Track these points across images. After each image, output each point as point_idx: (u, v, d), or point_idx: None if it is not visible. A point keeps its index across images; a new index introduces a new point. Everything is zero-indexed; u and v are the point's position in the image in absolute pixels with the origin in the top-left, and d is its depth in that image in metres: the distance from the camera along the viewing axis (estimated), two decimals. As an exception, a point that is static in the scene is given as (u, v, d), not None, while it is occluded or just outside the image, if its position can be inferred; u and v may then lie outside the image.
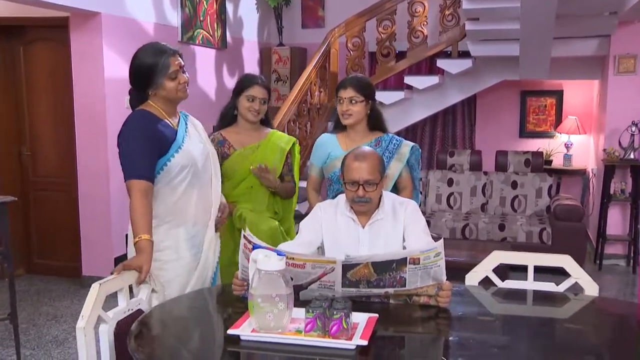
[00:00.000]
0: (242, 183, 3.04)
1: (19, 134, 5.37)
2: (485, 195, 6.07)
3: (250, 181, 3.04)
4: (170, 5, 5.56)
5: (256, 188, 3.05)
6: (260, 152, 3.06)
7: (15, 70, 5.32)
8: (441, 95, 6.39)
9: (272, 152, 3.09)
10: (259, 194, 3.06)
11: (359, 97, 2.94)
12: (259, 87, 3.00)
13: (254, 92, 3.00)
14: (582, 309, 2.32)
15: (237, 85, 3.08)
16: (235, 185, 3.04)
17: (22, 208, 5.40)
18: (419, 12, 6.15)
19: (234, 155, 3.03)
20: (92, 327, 2.02)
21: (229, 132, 3.09)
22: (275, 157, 3.09)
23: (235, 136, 3.07)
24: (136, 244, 2.25)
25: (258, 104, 3.01)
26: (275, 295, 1.93)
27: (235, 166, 3.02)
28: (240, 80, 3.08)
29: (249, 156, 3.03)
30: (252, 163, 3.02)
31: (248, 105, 3.00)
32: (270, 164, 3.05)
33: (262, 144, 3.08)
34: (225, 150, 3.03)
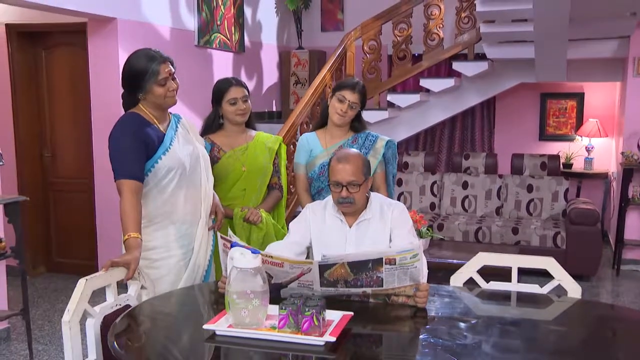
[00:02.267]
0: (235, 185, 3.05)
1: (40, 136, 5.55)
2: (501, 199, 6.03)
3: (243, 184, 3.05)
4: (186, 10, 5.67)
5: (249, 190, 3.06)
6: (250, 153, 3.06)
7: (37, 74, 5.50)
8: (458, 98, 6.37)
9: (261, 152, 3.09)
10: (252, 197, 3.06)
11: (358, 104, 3.03)
12: (235, 88, 3.00)
13: (232, 94, 2.99)
14: (563, 310, 2.32)
15: (213, 94, 3.07)
16: (228, 189, 3.04)
17: (42, 208, 5.58)
18: (435, 14, 6.14)
19: (224, 157, 3.03)
20: (78, 320, 2.10)
21: (216, 135, 3.09)
22: (264, 157, 3.10)
23: (223, 139, 3.07)
24: (125, 242, 2.33)
25: (241, 104, 3.01)
26: (250, 292, 1.98)
27: (227, 168, 3.03)
28: (216, 89, 3.06)
29: (240, 157, 3.04)
30: (243, 164, 3.03)
31: (233, 109, 3.00)
32: (260, 163, 3.07)
33: (251, 145, 3.08)
34: (215, 154, 3.02)
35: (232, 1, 6.32)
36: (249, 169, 3.03)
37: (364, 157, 2.58)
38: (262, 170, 3.07)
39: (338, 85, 3.09)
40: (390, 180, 3.20)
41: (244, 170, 3.03)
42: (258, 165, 3.05)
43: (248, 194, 3.05)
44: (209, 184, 2.70)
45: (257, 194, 3.08)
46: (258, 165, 3.06)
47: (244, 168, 3.03)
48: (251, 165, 3.04)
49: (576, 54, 5.70)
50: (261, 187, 3.09)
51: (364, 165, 2.54)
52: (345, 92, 3.02)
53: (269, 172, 3.11)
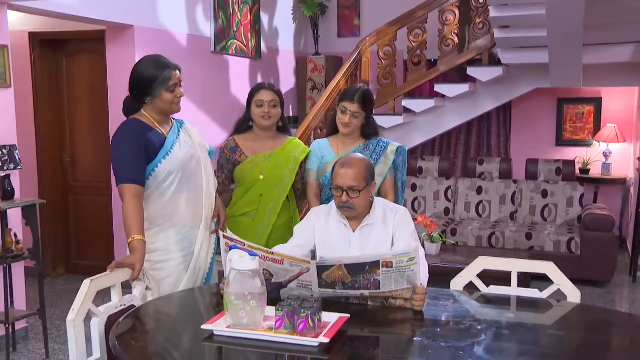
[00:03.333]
0: (251, 190, 3.05)
1: (61, 140, 5.69)
2: (515, 204, 6.01)
3: (259, 189, 3.04)
4: (203, 17, 5.77)
5: (265, 197, 3.04)
6: (272, 161, 3.04)
7: (58, 80, 5.64)
8: (473, 103, 6.37)
9: (284, 162, 3.06)
10: (269, 204, 3.04)
11: (361, 113, 3.05)
12: (265, 91, 3.02)
13: (260, 96, 3.01)
14: (561, 315, 2.33)
15: (248, 97, 3.10)
16: (244, 192, 3.06)
17: (62, 211, 5.72)
18: (450, 20, 6.16)
19: (245, 162, 3.04)
20: (82, 320, 2.18)
21: (243, 138, 3.09)
22: (287, 167, 3.06)
23: (248, 143, 3.08)
24: (130, 244, 2.41)
25: (267, 107, 3.00)
26: (248, 294, 2.04)
27: (245, 173, 3.04)
28: (250, 91, 3.10)
29: (260, 164, 3.03)
30: (261, 172, 3.02)
31: (259, 111, 3.01)
32: (281, 173, 3.04)
33: (275, 153, 3.06)
34: (236, 157, 3.04)
35: (249, 8, 6.42)
36: (266, 177, 3.02)
37: (367, 163, 2.61)
38: (281, 181, 3.04)
39: (340, 96, 3.14)
40: (399, 187, 3.21)
41: (260, 179, 3.02)
42: (278, 175, 3.03)
43: (264, 200, 3.04)
44: (210, 188, 2.75)
45: (274, 202, 3.04)
46: (278, 176, 3.03)
47: (261, 176, 3.02)
48: (270, 174, 3.02)
49: (592, 59, 5.66)
50: (280, 197, 3.05)
51: (367, 170, 2.56)
52: (345, 104, 3.05)
53: (289, 182, 3.06)
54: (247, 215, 3.06)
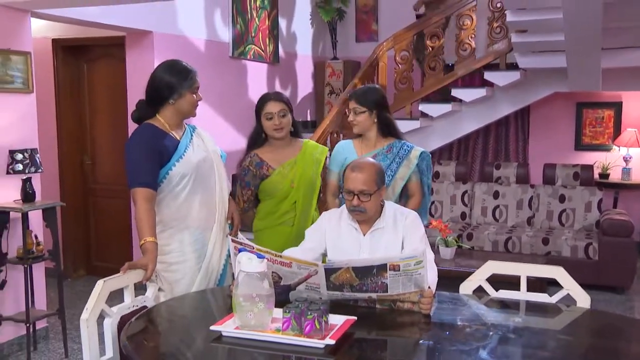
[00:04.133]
0: (285, 200, 3.05)
1: (82, 144, 5.80)
2: (532, 209, 5.98)
3: (293, 197, 3.04)
4: (221, 22, 5.84)
5: (299, 203, 3.05)
6: (299, 167, 3.05)
7: (80, 85, 5.76)
8: (491, 107, 6.35)
9: (309, 165, 3.07)
10: (303, 209, 3.05)
11: (360, 108, 3.09)
12: (272, 102, 3.00)
13: (269, 108, 3.00)
14: (570, 319, 2.33)
15: (255, 108, 3.09)
16: (278, 202, 3.06)
17: (82, 213, 5.82)
18: (467, 25, 6.16)
19: (274, 175, 3.02)
20: (95, 319, 2.23)
21: (263, 151, 3.08)
22: (313, 170, 3.08)
23: (270, 155, 3.06)
24: (142, 246, 2.46)
25: (277, 119, 2.99)
26: (256, 295, 2.07)
27: (275, 185, 3.03)
28: (257, 103, 3.08)
29: (288, 174, 3.03)
30: (291, 180, 3.02)
31: (269, 124, 3.00)
32: (309, 177, 3.05)
33: (299, 159, 3.06)
34: (264, 172, 3.03)
35: (267, 13, 6.48)
36: (297, 184, 3.03)
37: (378, 167, 2.63)
38: (311, 184, 3.07)
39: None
40: (425, 191, 3.23)
41: (292, 187, 3.03)
42: (307, 179, 3.05)
43: (299, 206, 3.05)
44: (223, 191, 2.80)
45: (307, 206, 3.07)
46: (307, 180, 3.05)
47: (292, 185, 3.03)
48: (300, 180, 3.03)
49: (612, 63, 5.61)
50: (311, 200, 3.08)
51: (378, 175, 2.59)
52: (349, 103, 3.15)
53: (317, 183, 3.09)
54: (285, 224, 3.07)
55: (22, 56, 4.09)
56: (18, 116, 4.09)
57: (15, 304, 4.11)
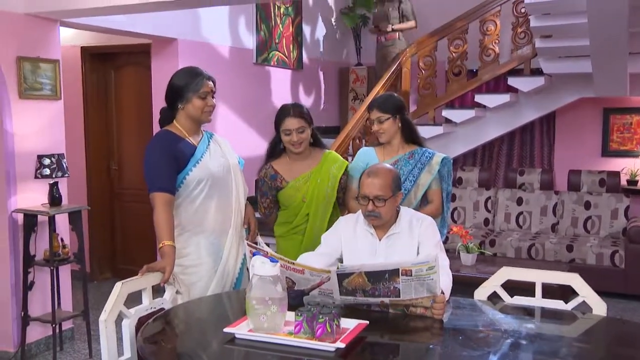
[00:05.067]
0: (298, 213, 3.05)
1: (108, 149, 5.92)
2: (557, 215, 5.92)
3: (306, 209, 3.04)
4: (245, 30, 5.92)
5: (312, 216, 3.04)
6: (313, 182, 3.02)
7: (107, 92, 5.89)
8: (515, 113, 6.31)
9: (325, 180, 3.04)
10: (316, 222, 3.05)
11: (385, 115, 3.08)
12: (290, 119, 2.95)
13: (287, 124, 2.96)
14: (586, 327, 2.32)
15: (275, 119, 3.06)
16: (291, 215, 3.07)
17: (108, 217, 5.94)
18: (491, 30, 6.13)
19: (287, 188, 3.03)
20: (113, 320, 2.29)
21: (279, 163, 3.07)
22: (327, 185, 3.04)
23: (285, 167, 3.06)
24: (160, 250, 2.52)
25: (296, 135, 2.96)
26: (269, 299, 2.10)
27: (288, 199, 3.04)
28: (276, 115, 3.04)
29: (301, 188, 3.02)
30: (303, 195, 3.01)
31: (287, 139, 2.98)
32: (322, 192, 3.03)
33: (314, 173, 3.04)
34: (277, 184, 3.03)
35: (291, 20, 6.54)
36: (309, 199, 3.02)
37: (394, 173, 2.64)
38: (324, 199, 3.04)
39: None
40: (444, 197, 3.23)
41: (304, 202, 3.03)
42: (320, 194, 3.03)
43: (312, 219, 3.04)
44: (240, 196, 2.84)
45: (321, 219, 3.05)
46: (320, 194, 3.03)
47: (304, 199, 3.02)
48: (312, 194, 3.02)
49: (639, 68, 5.54)
50: (325, 214, 3.05)
51: (393, 180, 2.60)
52: (370, 115, 3.14)
53: (332, 199, 3.06)
54: (298, 233, 3.09)
55: (51, 64, 4.21)
56: (46, 122, 4.20)
57: (42, 305, 4.22)
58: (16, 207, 4.02)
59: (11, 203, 4.01)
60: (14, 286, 4.06)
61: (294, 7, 6.61)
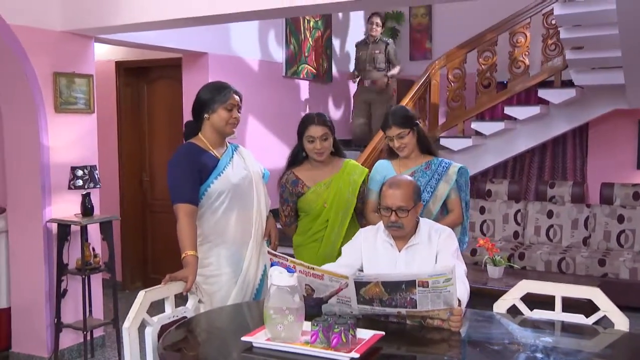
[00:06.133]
0: (318, 219, 3.10)
1: (141, 161, 6.06)
2: (588, 229, 5.82)
3: (326, 215, 3.09)
4: (275, 43, 6.01)
5: (332, 222, 3.09)
6: (333, 188, 3.08)
7: (140, 105, 6.03)
8: (545, 125, 6.24)
9: (344, 186, 3.09)
10: (334, 228, 3.09)
11: (405, 131, 3.12)
12: (314, 127, 3.02)
13: (311, 132, 3.03)
14: (607, 342, 2.29)
15: (298, 128, 3.13)
16: (312, 219, 3.12)
17: (140, 228, 6.06)
18: (521, 42, 6.09)
19: (308, 193, 3.09)
20: (136, 328, 2.36)
21: (301, 169, 3.15)
22: (348, 191, 3.09)
23: (307, 173, 3.12)
24: (183, 259, 2.59)
25: (319, 143, 3.02)
26: (286, 309, 2.14)
27: (309, 204, 3.10)
28: (300, 123, 3.12)
29: (322, 194, 3.08)
30: (324, 200, 3.07)
31: (310, 147, 3.05)
32: (343, 198, 3.08)
33: (335, 179, 3.10)
34: (299, 190, 3.10)
35: (320, 33, 6.62)
36: (330, 205, 3.07)
37: (415, 184, 2.67)
38: (344, 205, 3.08)
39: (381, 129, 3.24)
40: (463, 207, 3.24)
41: (325, 207, 3.07)
42: (341, 200, 3.07)
43: (331, 225, 3.09)
44: (261, 208, 2.89)
45: (339, 226, 3.09)
46: (341, 201, 3.07)
47: (325, 205, 3.07)
48: (333, 200, 3.07)
49: (674, 79, 5.43)
50: (344, 220, 3.10)
51: (414, 191, 2.63)
52: (387, 132, 3.16)
53: (352, 205, 3.11)
54: (316, 241, 3.14)
55: (85, 79, 4.35)
56: (80, 135, 4.34)
57: (74, 312, 4.34)
58: (51, 217, 4.15)
59: (46, 213, 4.14)
60: (48, 293, 4.19)
61: (324, 20, 6.69)
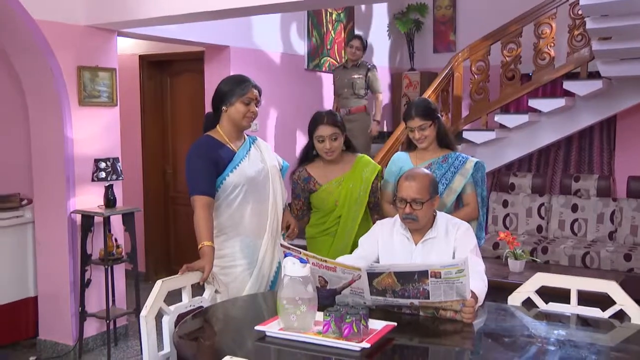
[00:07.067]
0: (330, 215, 3.12)
1: (164, 153, 6.13)
2: (614, 223, 5.73)
3: (338, 212, 3.10)
4: (297, 36, 6.02)
5: (344, 218, 3.10)
6: (345, 186, 3.09)
7: (163, 98, 6.11)
8: (571, 118, 6.14)
9: (357, 184, 3.10)
10: (347, 225, 3.10)
11: (427, 123, 3.11)
12: (324, 126, 3.02)
13: (320, 131, 3.03)
14: (624, 336, 2.26)
15: (308, 126, 3.14)
16: (323, 215, 3.15)
17: (164, 220, 6.14)
18: (546, 33, 6.00)
19: (320, 191, 3.11)
20: (154, 316, 2.40)
21: (313, 167, 3.16)
22: (360, 188, 3.10)
23: (319, 170, 3.14)
24: (200, 250, 2.63)
25: (329, 142, 3.03)
26: (299, 299, 2.16)
27: (321, 201, 3.12)
28: (310, 121, 3.13)
29: (334, 191, 3.09)
30: (336, 199, 3.08)
31: (320, 146, 3.06)
32: (355, 195, 3.08)
33: (347, 177, 3.10)
34: (311, 187, 3.12)
35: (343, 26, 6.61)
36: (341, 202, 3.08)
37: (431, 177, 2.66)
38: (355, 203, 3.09)
39: (403, 118, 3.24)
40: (479, 202, 3.23)
41: (336, 205, 3.09)
42: (353, 198, 3.08)
43: (343, 221, 3.10)
44: (277, 201, 2.91)
45: (352, 222, 3.10)
46: (353, 199, 3.08)
47: (336, 203, 3.08)
48: (345, 198, 3.08)
49: None
50: (357, 217, 3.10)
51: (430, 184, 2.62)
52: (408, 123, 3.15)
53: (363, 203, 3.11)
54: (329, 235, 3.15)
55: (108, 72, 4.42)
56: (103, 128, 4.41)
57: (98, 302, 4.42)
58: (75, 209, 4.23)
59: (70, 204, 4.22)
60: (73, 283, 4.27)
61: (346, 13, 6.67)
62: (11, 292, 4.40)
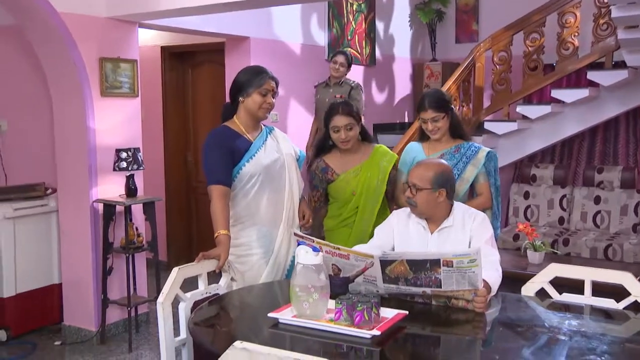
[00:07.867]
0: (347, 205, 3.13)
1: (185, 143, 6.20)
2: (638, 215, 5.65)
3: (356, 202, 3.12)
4: (317, 27, 6.03)
5: (361, 209, 3.11)
6: (363, 176, 3.11)
7: (184, 88, 6.17)
8: (595, 108, 6.04)
9: (374, 174, 3.11)
10: (364, 215, 3.11)
11: (440, 114, 3.11)
12: (339, 117, 3.05)
13: (336, 122, 3.06)
14: (633, 326, 2.24)
15: (324, 116, 3.17)
16: (341, 206, 3.16)
17: (185, 209, 6.21)
18: (570, 22, 5.92)
19: (338, 180, 3.12)
20: (170, 303, 2.45)
21: (330, 157, 3.18)
22: (377, 178, 3.11)
23: (336, 160, 3.16)
24: (216, 238, 2.67)
25: (344, 133, 3.05)
26: (311, 287, 2.19)
27: (339, 191, 3.14)
28: (325, 112, 3.16)
29: (351, 181, 3.11)
30: (353, 189, 3.10)
31: (336, 136, 3.09)
32: (372, 185, 3.10)
33: (364, 166, 3.12)
34: (329, 177, 3.14)
35: (364, 17, 6.59)
36: (359, 192, 3.10)
37: (440, 170, 2.62)
38: (373, 192, 3.10)
39: (416, 110, 3.23)
40: (493, 192, 3.23)
41: (353, 195, 3.11)
42: (370, 188, 3.10)
43: (360, 212, 3.12)
44: (294, 191, 2.93)
45: (369, 212, 3.11)
46: (370, 188, 3.10)
47: (353, 193, 3.10)
48: (362, 188, 3.09)
49: None
50: (374, 207, 3.11)
51: (436, 175, 2.59)
52: (421, 115, 3.15)
53: (381, 192, 3.12)
54: (346, 226, 3.17)
55: (130, 63, 4.48)
56: (124, 118, 4.47)
57: (120, 289, 4.50)
58: (97, 198, 4.31)
59: (93, 194, 4.30)
60: (95, 270, 4.36)
61: (367, 3, 6.65)
62: (37, 279, 4.51)
